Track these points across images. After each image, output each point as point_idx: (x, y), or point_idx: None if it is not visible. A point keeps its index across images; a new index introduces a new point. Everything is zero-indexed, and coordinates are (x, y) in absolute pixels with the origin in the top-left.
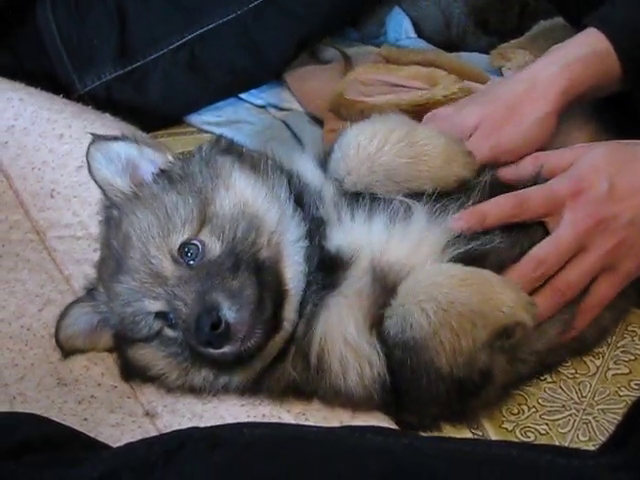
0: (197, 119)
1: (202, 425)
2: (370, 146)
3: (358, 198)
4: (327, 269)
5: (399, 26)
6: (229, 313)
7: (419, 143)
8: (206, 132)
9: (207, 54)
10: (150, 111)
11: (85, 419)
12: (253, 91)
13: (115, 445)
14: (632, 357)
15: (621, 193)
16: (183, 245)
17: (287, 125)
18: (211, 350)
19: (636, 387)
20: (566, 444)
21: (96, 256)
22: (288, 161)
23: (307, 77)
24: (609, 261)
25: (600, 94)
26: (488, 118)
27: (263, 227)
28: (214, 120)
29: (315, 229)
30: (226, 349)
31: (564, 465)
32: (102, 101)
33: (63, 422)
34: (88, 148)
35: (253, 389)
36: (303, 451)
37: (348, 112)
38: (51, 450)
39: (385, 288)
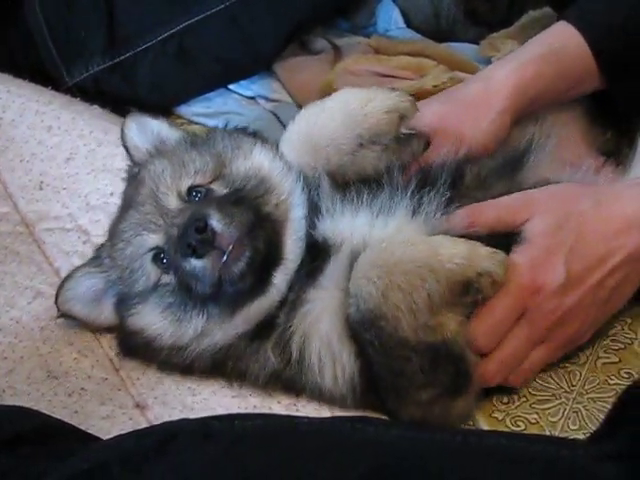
0: (186, 110)
1: (193, 417)
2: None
3: (349, 190)
4: (312, 257)
5: (388, 16)
6: (216, 224)
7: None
8: (196, 123)
9: (196, 45)
10: (139, 102)
11: (75, 412)
12: (242, 82)
13: (105, 437)
14: (622, 346)
15: (578, 276)
16: (192, 188)
17: (277, 116)
18: (193, 261)
19: (626, 376)
20: (556, 433)
21: (86, 248)
22: None
23: (297, 68)
24: (572, 340)
25: (573, 93)
26: (447, 116)
27: (274, 190)
28: (203, 111)
29: (310, 215)
30: (208, 261)
31: (554, 454)
32: (91, 93)
33: (53, 415)
34: (125, 119)
35: (237, 372)
36: (294, 443)
37: None
38: (41, 443)
39: None
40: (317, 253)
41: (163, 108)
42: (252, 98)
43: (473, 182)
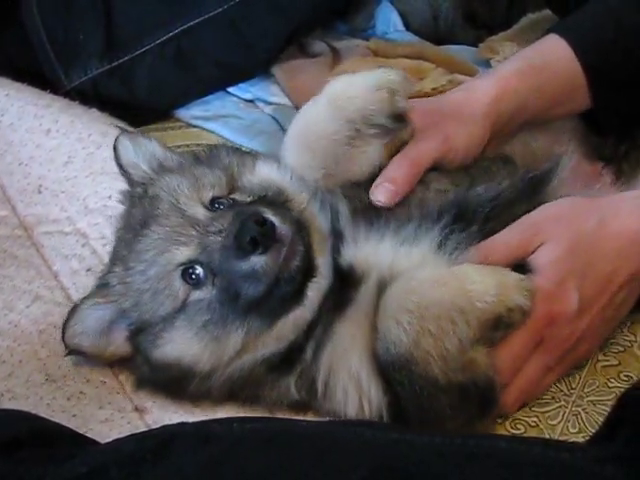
0: (185, 113)
1: (192, 420)
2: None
3: (372, 217)
4: (338, 286)
5: (387, 19)
6: (273, 217)
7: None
8: (194, 127)
9: (194, 48)
10: (137, 106)
11: (74, 415)
12: (241, 85)
13: (104, 441)
14: (621, 349)
15: (590, 300)
16: (214, 199)
17: (275, 119)
18: (253, 259)
19: (625, 379)
20: (556, 436)
21: (84, 251)
22: None
23: (296, 71)
24: (583, 357)
25: (559, 110)
26: (432, 114)
27: (292, 199)
28: (202, 114)
29: (333, 240)
30: (269, 257)
31: (553, 458)
32: (89, 96)
33: (52, 419)
34: (117, 137)
35: (252, 398)
36: (293, 446)
37: None
38: (40, 447)
39: None
40: (343, 281)
41: (161, 111)
42: (251, 101)
43: (495, 211)
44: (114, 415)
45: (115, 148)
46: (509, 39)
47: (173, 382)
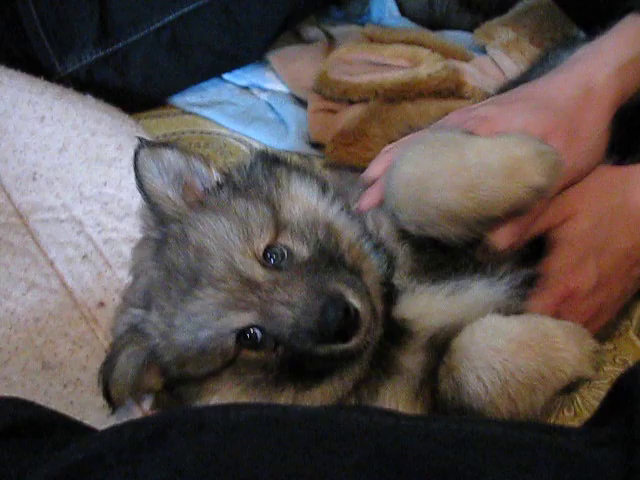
0: (180, 100)
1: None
2: (415, 182)
3: (432, 267)
4: (389, 338)
5: (383, 5)
6: (354, 301)
7: (470, 163)
8: (189, 113)
9: (189, 35)
10: (132, 92)
11: (71, 402)
12: (236, 72)
13: (101, 428)
14: (617, 333)
15: (608, 274)
16: (268, 249)
17: (271, 106)
18: (334, 347)
19: (621, 363)
20: (552, 420)
21: (80, 239)
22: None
23: (291, 57)
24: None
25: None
26: (557, 128)
27: (341, 235)
28: (197, 101)
29: (385, 290)
30: (352, 343)
31: (549, 442)
32: (84, 83)
33: (48, 406)
34: (136, 154)
35: None
36: (288, 432)
37: (332, 92)
38: (36, 434)
39: (438, 352)
40: (393, 334)
41: (156, 98)
42: (246, 88)
43: None
44: None
45: (136, 171)
46: (505, 24)
47: None
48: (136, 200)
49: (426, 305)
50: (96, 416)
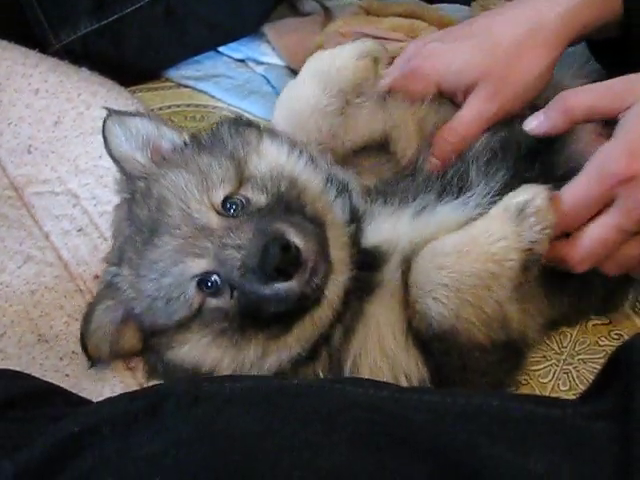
0: (175, 73)
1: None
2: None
3: (387, 192)
4: (365, 269)
5: None
6: (296, 239)
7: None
8: (185, 86)
9: (184, 7)
10: (127, 65)
11: (67, 375)
12: (232, 45)
13: (97, 400)
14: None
15: None
16: (226, 199)
17: (267, 79)
18: (278, 285)
19: (616, 337)
20: (547, 394)
21: (75, 212)
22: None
23: (287, 30)
24: None
25: (594, 37)
26: (490, 74)
27: (306, 189)
28: (193, 74)
29: (352, 221)
30: (295, 282)
31: (544, 414)
32: (79, 55)
33: (44, 378)
34: (105, 122)
35: None
36: (284, 404)
37: None
38: (32, 406)
39: None
40: (367, 263)
41: (152, 71)
42: (242, 61)
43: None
44: (106, 374)
45: (104, 137)
46: None
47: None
48: None
49: (392, 228)
50: (92, 388)
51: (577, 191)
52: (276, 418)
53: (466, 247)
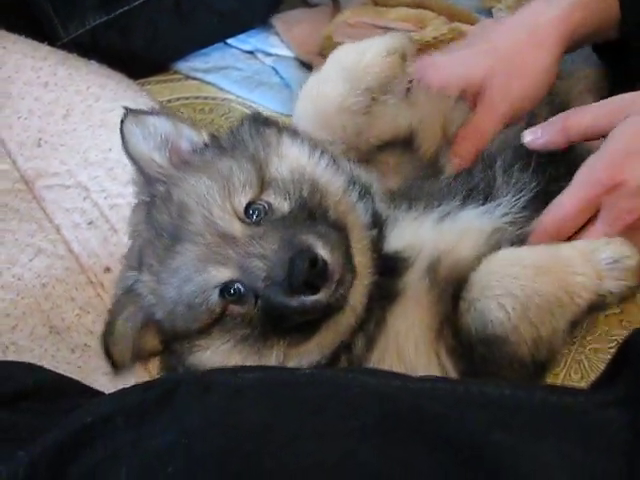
0: (184, 65)
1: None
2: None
3: (411, 195)
4: (386, 275)
5: None
6: (323, 252)
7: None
8: (194, 79)
9: None
10: (136, 57)
11: (79, 367)
12: (241, 36)
13: (108, 392)
14: None
15: None
16: (248, 205)
17: (276, 70)
18: (306, 298)
19: (627, 326)
20: (559, 383)
21: (86, 204)
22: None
23: (295, 21)
24: None
25: (597, 40)
26: (494, 74)
27: (328, 192)
28: (201, 66)
29: (374, 226)
30: (322, 294)
31: (556, 403)
32: (87, 48)
33: (56, 370)
34: (122, 121)
35: None
36: (295, 394)
37: None
38: (45, 398)
39: (445, 284)
40: (390, 270)
41: (160, 63)
42: (250, 52)
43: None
44: None
45: (122, 136)
46: None
47: None
48: None
49: (414, 234)
50: (103, 380)
51: (566, 201)
52: (286, 408)
53: (545, 267)
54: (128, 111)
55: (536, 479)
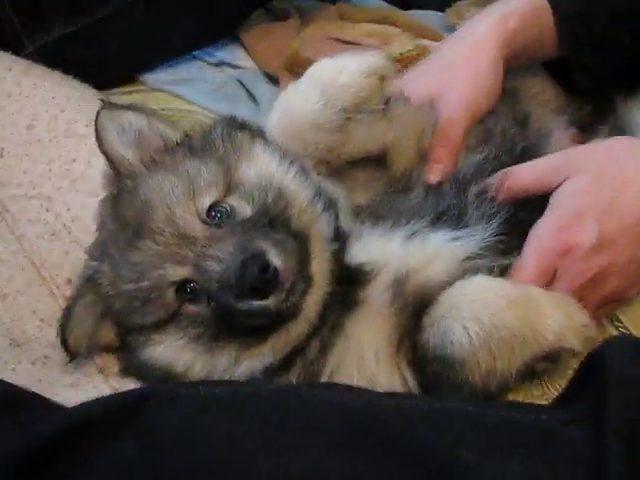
0: (150, 77)
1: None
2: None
3: (378, 212)
4: (346, 285)
5: None
6: (276, 259)
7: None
8: (160, 90)
9: (160, 12)
10: (102, 69)
11: (39, 380)
12: (207, 49)
13: (70, 406)
14: None
15: (612, 235)
16: (211, 207)
17: (242, 83)
18: (254, 303)
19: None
20: (520, 399)
21: (49, 216)
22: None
23: (262, 35)
24: (612, 298)
25: (539, 55)
26: (442, 84)
27: (293, 200)
28: (168, 78)
29: (336, 239)
30: (270, 301)
31: (519, 420)
32: (52, 58)
33: (16, 383)
34: (98, 115)
35: None
36: (259, 409)
37: (304, 70)
38: (5, 412)
39: (410, 299)
40: (350, 280)
41: (127, 74)
42: (217, 65)
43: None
44: (80, 380)
45: (96, 130)
46: (476, 4)
47: (163, 380)
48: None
49: (381, 249)
50: (65, 394)
51: (524, 269)
52: (252, 422)
53: (518, 302)
54: (105, 104)
55: None
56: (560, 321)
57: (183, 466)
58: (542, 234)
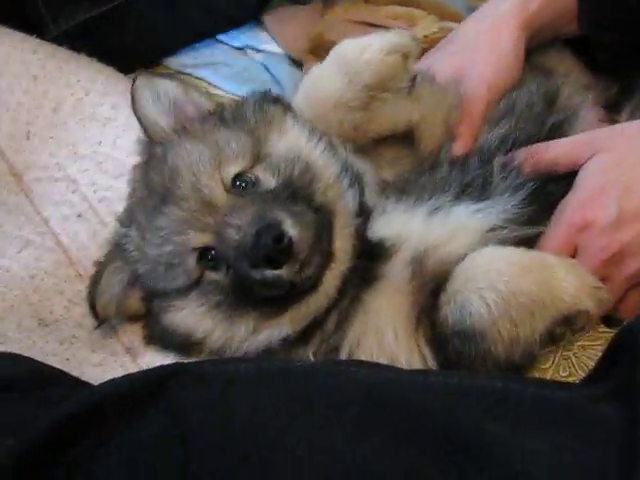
0: (174, 61)
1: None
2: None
3: (403, 187)
4: (367, 260)
5: None
6: (292, 230)
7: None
8: (183, 74)
9: None
10: (126, 52)
11: (67, 359)
12: (231, 32)
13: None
14: None
15: (634, 213)
16: (237, 176)
17: (266, 67)
18: (267, 272)
19: (615, 324)
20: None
21: (74, 197)
22: None
23: (286, 18)
24: (636, 280)
25: (559, 34)
26: (463, 64)
27: (320, 175)
28: (191, 62)
29: (360, 214)
30: (284, 271)
31: (548, 396)
32: (77, 42)
33: (46, 362)
34: (134, 82)
35: None
36: (286, 385)
37: (327, 53)
38: (34, 389)
39: (429, 277)
40: (371, 255)
41: (151, 58)
42: (240, 49)
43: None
44: (107, 359)
45: (132, 97)
46: None
47: (183, 348)
48: (130, 159)
49: (403, 225)
50: (92, 373)
51: (547, 243)
52: (278, 398)
53: (532, 267)
54: (140, 72)
55: (528, 469)
56: (574, 283)
57: (210, 442)
58: (564, 209)
